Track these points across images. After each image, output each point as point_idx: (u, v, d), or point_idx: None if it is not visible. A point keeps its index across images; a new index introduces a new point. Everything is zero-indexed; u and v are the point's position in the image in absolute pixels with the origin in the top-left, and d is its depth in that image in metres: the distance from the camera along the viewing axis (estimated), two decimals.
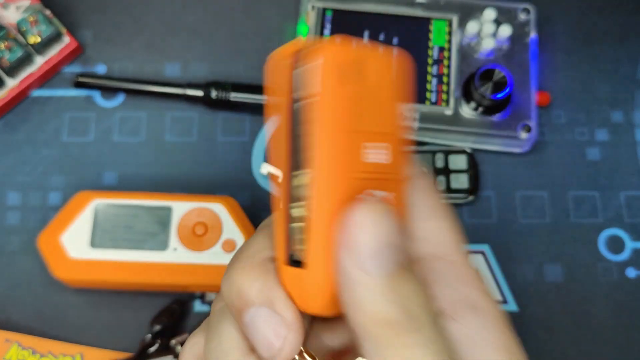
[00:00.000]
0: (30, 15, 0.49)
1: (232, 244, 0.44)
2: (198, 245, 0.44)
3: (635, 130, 0.51)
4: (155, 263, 0.43)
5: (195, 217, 0.44)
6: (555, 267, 0.48)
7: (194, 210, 0.44)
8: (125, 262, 0.43)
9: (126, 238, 0.44)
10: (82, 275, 0.43)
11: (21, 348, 0.45)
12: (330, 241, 0.21)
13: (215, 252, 0.44)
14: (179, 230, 0.44)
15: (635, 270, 0.48)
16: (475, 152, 0.50)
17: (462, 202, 0.49)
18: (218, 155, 0.51)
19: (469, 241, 0.49)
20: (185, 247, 0.44)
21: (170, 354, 0.43)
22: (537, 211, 0.50)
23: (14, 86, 0.50)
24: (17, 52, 0.49)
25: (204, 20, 0.54)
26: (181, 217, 0.44)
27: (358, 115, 0.21)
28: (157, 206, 0.44)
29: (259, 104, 0.50)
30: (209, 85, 0.50)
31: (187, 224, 0.44)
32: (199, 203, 0.45)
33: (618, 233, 0.49)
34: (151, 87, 0.51)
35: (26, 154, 0.50)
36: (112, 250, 0.43)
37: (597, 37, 0.54)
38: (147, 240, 0.44)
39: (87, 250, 0.43)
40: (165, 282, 0.43)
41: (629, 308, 0.47)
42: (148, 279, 0.43)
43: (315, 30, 0.51)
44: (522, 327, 0.47)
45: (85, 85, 0.51)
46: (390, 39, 0.51)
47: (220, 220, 0.44)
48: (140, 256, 0.43)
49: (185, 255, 0.43)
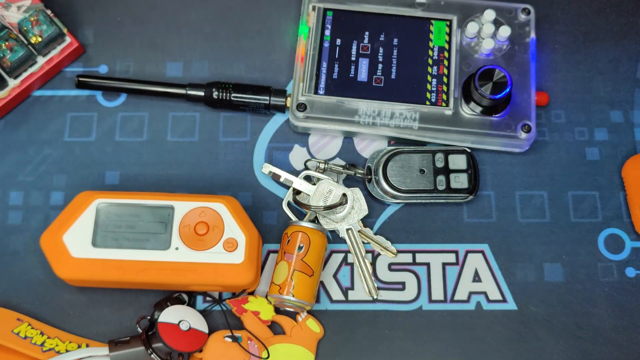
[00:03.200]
0: (32, 15, 0.50)
1: (233, 243, 0.44)
2: (200, 245, 0.44)
3: (635, 129, 0.52)
4: (157, 262, 0.43)
5: (197, 217, 0.44)
6: (555, 267, 0.48)
7: (196, 210, 0.44)
8: (127, 261, 0.43)
9: (128, 237, 0.44)
10: (85, 274, 0.43)
11: (31, 327, 0.45)
12: None
13: (217, 251, 0.44)
14: (181, 229, 0.44)
15: (635, 270, 0.48)
16: (475, 152, 0.50)
17: (462, 202, 0.49)
18: (219, 155, 0.51)
19: (468, 241, 0.49)
20: (187, 247, 0.44)
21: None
22: (536, 211, 0.50)
23: (15, 86, 0.50)
24: (19, 52, 0.49)
25: (204, 20, 0.54)
26: (183, 216, 0.44)
27: None
28: (159, 206, 0.45)
29: (260, 104, 0.50)
30: (211, 86, 0.50)
31: (189, 223, 0.44)
32: (201, 203, 0.45)
33: (618, 233, 0.49)
34: (153, 87, 0.51)
35: (28, 154, 0.50)
36: (114, 249, 0.43)
37: (597, 37, 0.54)
38: (149, 239, 0.44)
39: (89, 249, 0.43)
40: (167, 282, 0.44)
41: (628, 308, 0.48)
42: (150, 278, 0.43)
43: (316, 30, 0.51)
44: (522, 326, 0.47)
45: (87, 86, 0.51)
46: (390, 39, 0.51)
47: (222, 220, 0.44)
48: (142, 255, 0.43)
49: (187, 254, 0.43)
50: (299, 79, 0.50)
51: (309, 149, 0.51)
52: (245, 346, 0.45)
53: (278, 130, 0.51)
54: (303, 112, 0.49)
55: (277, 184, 0.50)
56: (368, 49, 0.51)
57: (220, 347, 0.45)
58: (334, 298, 0.48)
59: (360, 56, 0.51)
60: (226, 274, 0.43)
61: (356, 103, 0.49)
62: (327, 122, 0.49)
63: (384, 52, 0.51)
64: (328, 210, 0.48)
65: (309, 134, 0.51)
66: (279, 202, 0.49)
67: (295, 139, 0.51)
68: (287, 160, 0.51)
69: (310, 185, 0.49)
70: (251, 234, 0.44)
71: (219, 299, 0.46)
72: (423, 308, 0.48)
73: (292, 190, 0.49)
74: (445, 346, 0.47)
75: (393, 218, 0.50)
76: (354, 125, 0.49)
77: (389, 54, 0.51)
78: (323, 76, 0.50)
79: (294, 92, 0.50)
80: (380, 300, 0.48)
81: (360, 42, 0.51)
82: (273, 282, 0.45)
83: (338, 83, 0.50)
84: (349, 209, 0.48)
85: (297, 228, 0.46)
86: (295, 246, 0.46)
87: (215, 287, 0.45)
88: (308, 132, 0.51)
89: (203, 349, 0.44)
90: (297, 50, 0.51)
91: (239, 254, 0.43)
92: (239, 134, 0.51)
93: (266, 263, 0.48)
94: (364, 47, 0.51)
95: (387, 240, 0.49)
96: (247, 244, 0.44)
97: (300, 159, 0.51)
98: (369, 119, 0.49)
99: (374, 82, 0.50)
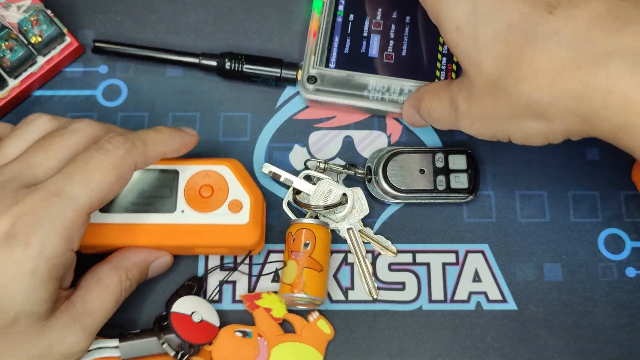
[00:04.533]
0: (32, 15, 0.50)
1: (238, 205, 0.44)
2: (205, 207, 0.44)
3: None
4: (163, 225, 0.44)
5: (201, 180, 0.45)
6: (555, 267, 0.48)
7: (200, 173, 0.45)
8: (134, 225, 0.44)
9: (135, 202, 0.44)
10: (93, 240, 0.43)
11: None
12: None
13: (222, 212, 0.44)
14: (186, 192, 0.44)
15: (635, 270, 0.48)
16: (475, 151, 0.50)
17: (462, 202, 0.49)
18: (220, 154, 0.51)
19: (468, 240, 0.49)
20: (192, 209, 0.44)
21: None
22: (536, 211, 0.50)
23: (15, 86, 0.50)
24: (19, 52, 0.49)
25: (205, 20, 0.54)
26: (187, 180, 0.45)
27: None
28: (163, 170, 0.45)
29: (271, 76, 0.51)
30: (224, 56, 0.51)
31: (193, 186, 0.45)
32: (205, 166, 0.45)
33: (618, 233, 0.49)
34: (167, 55, 0.51)
35: None
36: (121, 214, 0.44)
37: None
38: (155, 203, 0.44)
39: (97, 214, 0.44)
40: (174, 244, 0.44)
41: (629, 308, 0.48)
42: (157, 241, 0.44)
43: (330, 5, 0.51)
44: (521, 326, 0.47)
45: (103, 51, 0.51)
46: (402, 17, 0.51)
47: (226, 182, 0.45)
48: (149, 219, 0.44)
49: (193, 216, 0.44)
50: (311, 52, 0.50)
51: (309, 149, 0.51)
52: (254, 342, 0.45)
53: (278, 130, 0.52)
54: (313, 85, 0.49)
55: (277, 184, 0.50)
56: (380, 26, 0.51)
57: (230, 341, 0.45)
58: (334, 298, 0.48)
59: (372, 32, 0.51)
60: (232, 234, 0.44)
61: (366, 78, 0.50)
62: (337, 95, 0.50)
63: (396, 29, 0.51)
64: (328, 209, 0.48)
65: (309, 134, 0.51)
66: (279, 202, 0.50)
67: (295, 139, 0.51)
68: (287, 160, 0.51)
69: (310, 184, 0.49)
70: (256, 196, 0.45)
71: (233, 266, 0.47)
72: (423, 308, 0.48)
73: (292, 190, 0.49)
74: (445, 346, 0.47)
75: (393, 218, 0.50)
76: (363, 100, 0.50)
77: (401, 31, 0.51)
78: (334, 50, 0.51)
79: (305, 65, 0.50)
80: (380, 300, 0.48)
81: (373, 19, 0.52)
82: (284, 282, 0.46)
83: (349, 57, 0.50)
84: (350, 209, 0.48)
85: (301, 225, 0.46)
86: (302, 244, 0.46)
87: (222, 248, 0.45)
88: (317, 105, 0.51)
89: (213, 342, 0.45)
90: (310, 25, 0.51)
91: (244, 215, 0.44)
92: (239, 134, 0.51)
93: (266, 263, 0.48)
94: (377, 23, 0.51)
95: (387, 240, 0.49)
96: (251, 205, 0.44)
97: (300, 159, 0.51)
98: (378, 94, 0.49)
99: (384, 59, 0.51)
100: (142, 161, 0.40)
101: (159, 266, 0.45)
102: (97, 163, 0.38)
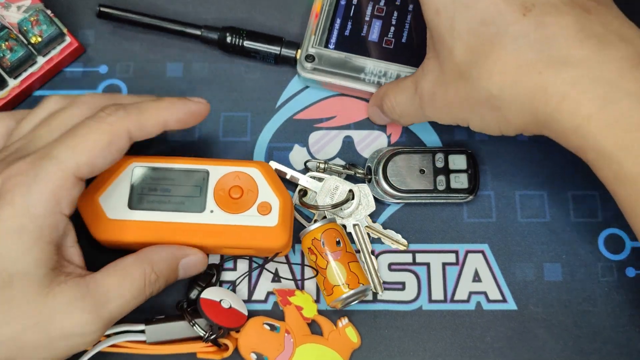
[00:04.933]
0: (32, 15, 0.50)
1: (267, 207, 0.44)
2: (234, 208, 0.44)
3: None
4: (192, 224, 0.44)
5: (231, 181, 0.45)
6: (555, 267, 0.48)
7: (231, 174, 0.45)
8: (163, 222, 0.44)
9: (164, 200, 0.44)
10: (121, 236, 0.43)
11: None
12: None
13: (251, 214, 0.44)
14: (216, 193, 0.45)
15: (635, 270, 0.48)
16: (475, 151, 0.50)
17: (462, 202, 0.49)
18: (220, 155, 0.51)
19: (468, 240, 0.49)
20: (221, 210, 0.44)
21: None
22: (536, 211, 0.50)
23: (15, 86, 0.50)
24: (19, 52, 0.49)
25: (205, 20, 0.54)
26: (218, 180, 0.45)
27: None
28: (194, 169, 0.45)
29: (271, 53, 0.51)
30: (225, 30, 0.51)
31: (223, 187, 0.45)
32: (236, 167, 0.45)
33: (618, 233, 0.49)
34: (170, 25, 0.52)
35: None
36: (150, 212, 0.44)
37: None
38: (184, 202, 0.44)
39: (125, 211, 0.44)
40: (202, 243, 0.44)
41: (628, 308, 0.48)
42: (185, 240, 0.44)
43: None
44: (521, 326, 0.47)
45: (108, 16, 0.51)
46: (405, 4, 0.52)
47: (256, 184, 0.45)
48: (177, 217, 0.44)
49: (222, 217, 0.44)
50: (311, 32, 0.51)
51: (309, 149, 0.51)
52: (281, 338, 0.45)
53: (278, 130, 0.52)
54: (311, 64, 0.50)
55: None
56: (383, 12, 0.52)
57: (257, 331, 0.45)
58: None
59: (375, 17, 0.52)
60: (260, 236, 0.44)
61: (364, 61, 0.50)
62: (334, 76, 0.50)
63: (398, 15, 0.51)
64: (336, 208, 0.48)
65: (309, 134, 0.51)
66: None
67: (295, 139, 0.51)
68: (287, 161, 0.51)
69: (316, 182, 0.49)
70: (285, 198, 0.45)
71: (262, 263, 0.47)
72: (423, 308, 0.48)
73: (297, 193, 0.49)
74: (445, 346, 0.47)
75: (393, 218, 0.50)
76: (359, 82, 0.50)
77: (403, 18, 0.52)
78: (335, 31, 0.51)
79: (304, 44, 0.51)
80: (380, 300, 0.48)
81: (376, 5, 0.52)
82: (333, 285, 0.45)
83: (349, 40, 0.51)
84: (357, 205, 0.48)
85: (326, 227, 0.46)
86: (334, 243, 0.46)
87: (249, 250, 0.45)
88: (314, 85, 0.52)
89: (240, 330, 0.45)
90: (313, 6, 0.52)
91: (273, 217, 0.44)
92: (239, 134, 0.51)
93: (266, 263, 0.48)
94: (379, 9, 0.52)
95: (398, 234, 0.49)
96: (280, 207, 0.44)
97: (300, 159, 0.51)
98: (374, 78, 0.50)
99: (384, 44, 0.51)
100: (136, 128, 0.40)
101: (192, 265, 0.45)
102: (87, 128, 0.39)
